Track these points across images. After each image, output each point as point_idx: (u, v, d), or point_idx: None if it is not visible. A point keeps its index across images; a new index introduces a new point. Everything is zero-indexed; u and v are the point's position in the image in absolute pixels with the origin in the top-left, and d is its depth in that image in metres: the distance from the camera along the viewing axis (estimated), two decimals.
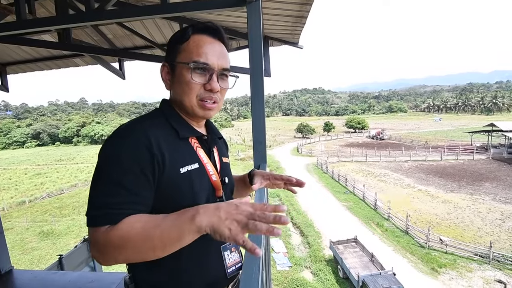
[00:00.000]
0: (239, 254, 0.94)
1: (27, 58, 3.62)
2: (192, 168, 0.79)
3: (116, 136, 0.72)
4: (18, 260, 15.77)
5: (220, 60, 0.82)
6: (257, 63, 1.62)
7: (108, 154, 0.70)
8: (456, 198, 20.02)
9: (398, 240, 14.90)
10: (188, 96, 0.80)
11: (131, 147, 0.70)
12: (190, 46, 0.80)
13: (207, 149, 0.88)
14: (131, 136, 0.72)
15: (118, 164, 0.68)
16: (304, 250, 14.99)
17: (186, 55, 0.80)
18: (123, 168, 0.68)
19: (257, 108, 1.66)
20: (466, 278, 11.83)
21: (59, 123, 78.63)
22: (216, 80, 0.81)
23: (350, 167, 29.51)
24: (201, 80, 0.79)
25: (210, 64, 0.79)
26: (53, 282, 2.25)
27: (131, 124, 0.76)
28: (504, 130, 31.82)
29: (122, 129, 0.74)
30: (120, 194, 0.67)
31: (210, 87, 0.80)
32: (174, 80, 0.83)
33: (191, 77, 0.78)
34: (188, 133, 0.83)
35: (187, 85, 0.79)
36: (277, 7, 2.36)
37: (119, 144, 0.71)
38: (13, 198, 27.69)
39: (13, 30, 2.09)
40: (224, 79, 0.85)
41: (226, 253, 0.89)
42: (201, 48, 0.79)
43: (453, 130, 58.39)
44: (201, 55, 0.79)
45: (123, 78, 3.76)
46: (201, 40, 0.80)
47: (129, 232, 0.63)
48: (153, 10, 1.92)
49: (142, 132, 0.72)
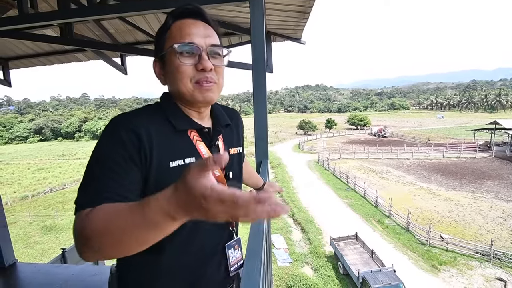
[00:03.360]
0: (241, 251, 0.92)
1: (29, 53, 3.62)
2: (186, 163, 0.76)
3: (108, 126, 0.71)
4: (21, 254, 15.96)
5: (207, 38, 0.77)
6: (259, 59, 1.61)
7: (98, 142, 0.70)
8: (458, 196, 19.98)
9: (399, 237, 14.93)
10: (182, 81, 0.76)
11: (120, 136, 0.68)
12: (173, 32, 0.76)
13: (209, 142, 0.84)
14: (121, 125, 0.70)
15: (105, 152, 0.67)
16: (305, 246, 15.05)
17: (170, 42, 0.75)
18: (109, 156, 0.67)
19: (259, 104, 1.66)
20: (467, 275, 11.85)
21: (61, 118, 78.93)
22: (206, 58, 0.75)
23: (352, 164, 29.47)
24: (190, 61, 0.75)
25: (197, 43, 0.75)
26: (56, 275, 2.27)
27: (125, 114, 0.75)
28: (507, 128, 31.58)
29: (115, 119, 0.73)
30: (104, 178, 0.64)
31: (202, 66, 0.75)
32: (166, 71, 0.79)
33: (179, 60, 0.74)
34: (185, 126, 0.80)
35: (177, 70, 0.75)
36: (280, 2, 2.34)
37: (109, 133, 0.70)
38: (16, 192, 27.95)
39: (15, 24, 2.09)
40: (217, 57, 0.79)
41: (230, 251, 0.88)
42: (183, 30, 0.75)
43: (455, 128, 58.08)
44: (185, 37, 0.74)
45: (125, 74, 3.75)
46: (182, 23, 0.76)
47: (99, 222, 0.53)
48: (155, 5, 1.91)
49: (132, 122, 0.71)
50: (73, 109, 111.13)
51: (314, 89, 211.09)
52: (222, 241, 0.86)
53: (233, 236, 0.89)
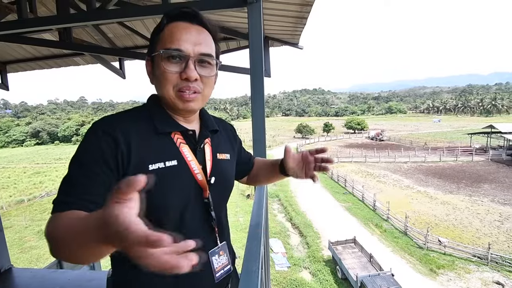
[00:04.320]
0: (227, 256, 0.90)
1: (28, 56, 3.62)
2: (166, 166, 0.74)
3: (89, 129, 0.71)
4: (16, 259, 15.76)
5: (197, 46, 0.74)
6: (257, 63, 1.63)
7: (78, 145, 0.70)
8: (455, 200, 20.05)
9: (397, 241, 14.92)
10: (165, 87, 0.74)
11: (97, 139, 0.68)
12: (165, 34, 0.74)
13: (194, 145, 0.82)
14: (99, 129, 0.70)
15: (81, 156, 0.68)
16: (303, 250, 15.00)
17: (161, 45, 0.74)
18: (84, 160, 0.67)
19: (257, 108, 1.67)
20: (464, 279, 11.85)
21: (59, 122, 78.53)
22: (192, 68, 0.73)
23: (350, 168, 29.53)
24: (175, 69, 0.73)
25: (184, 50, 0.72)
26: (53, 280, 2.25)
27: (107, 117, 0.74)
28: (503, 132, 31.91)
29: (96, 122, 0.73)
30: (78, 182, 0.64)
31: (186, 76, 0.73)
32: (154, 73, 0.78)
33: (164, 66, 0.73)
34: (168, 128, 0.78)
35: (162, 76, 0.74)
36: (278, 7, 2.37)
37: (87, 136, 0.70)
38: (12, 196, 27.67)
39: (14, 28, 2.10)
40: (205, 66, 0.77)
41: (214, 257, 0.86)
42: (174, 35, 0.73)
43: (452, 132, 58.49)
44: (174, 42, 0.72)
45: (123, 78, 3.76)
46: (175, 26, 0.74)
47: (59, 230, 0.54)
48: (154, 10, 1.93)
49: (111, 126, 0.71)
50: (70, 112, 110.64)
51: (311, 93, 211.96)
52: (205, 248, 0.84)
53: (217, 242, 0.87)
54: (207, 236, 0.85)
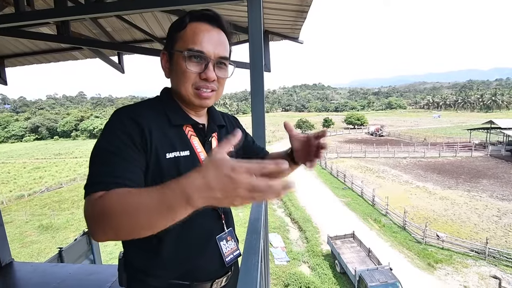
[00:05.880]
0: (235, 242, 0.96)
1: (25, 51, 3.58)
2: (181, 155, 0.79)
3: (112, 116, 0.75)
4: (17, 253, 15.85)
5: (217, 48, 0.79)
6: (257, 58, 1.61)
7: (103, 131, 0.73)
8: (454, 195, 20.15)
9: (395, 236, 15.03)
10: (184, 85, 0.80)
11: (124, 124, 0.72)
12: (187, 34, 0.78)
13: (203, 137, 0.88)
14: (124, 115, 0.75)
15: (111, 139, 0.70)
16: (302, 245, 15.11)
17: (183, 43, 0.78)
18: (115, 143, 0.70)
19: (257, 103, 1.66)
20: (462, 273, 11.97)
21: (58, 117, 78.39)
22: (212, 69, 0.79)
23: (349, 163, 29.60)
24: (196, 69, 0.78)
25: (206, 52, 0.77)
26: (54, 274, 2.27)
27: (127, 106, 0.79)
28: (502, 127, 31.88)
29: (118, 110, 0.77)
30: (112, 163, 0.67)
31: (206, 76, 0.78)
32: (172, 68, 0.82)
33: (186, 66, 0.77)
34: (181, 121, 0.83)
35: (182, 74, 0.79)
36: (278, 1, 2.34)
37: (113, 122, 0.74)
38: (12, 191, 27.72)
39: (11, 22, 2.07)
40: (222, 68, 0.83)
41: (222, 242, 0.91)
42: (197, 36, 0.77)
43: (452, 127, 58.49)
44: (196, 43, 0.77)
45: (122, 72, 3.73)
46: (198, 27, 0.78)
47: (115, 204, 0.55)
48: (153, 3, 1.90)
49: (134, 112, 0.76)
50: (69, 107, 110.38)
51: (311, 88, 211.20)
52: (214, 233, 0.90)
53: (224, 229, 0.93)
54: (214, 222, 0.91)
